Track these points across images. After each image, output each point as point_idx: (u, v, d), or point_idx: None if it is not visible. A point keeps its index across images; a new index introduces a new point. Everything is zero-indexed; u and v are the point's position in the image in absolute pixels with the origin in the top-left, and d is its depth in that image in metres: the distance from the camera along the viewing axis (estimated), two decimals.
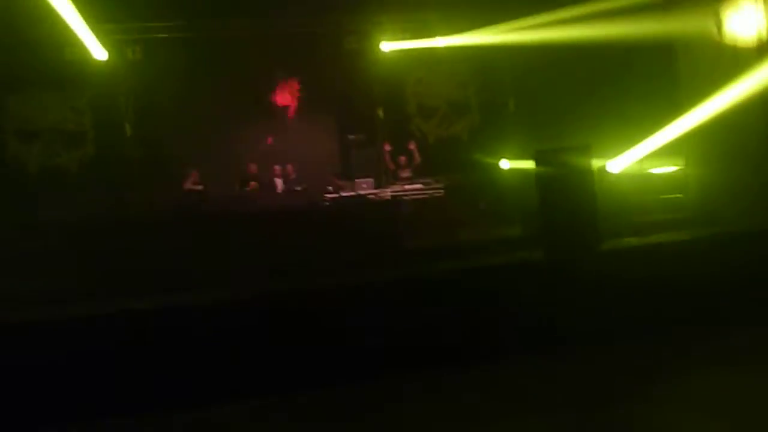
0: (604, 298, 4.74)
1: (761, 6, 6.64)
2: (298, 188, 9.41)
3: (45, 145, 10.61)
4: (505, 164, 10.36)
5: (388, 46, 10.62)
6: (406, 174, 9.92)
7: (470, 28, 10.34)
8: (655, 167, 8.77)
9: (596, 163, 5.51)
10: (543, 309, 4.66)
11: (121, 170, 10.24)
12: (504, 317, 4.59)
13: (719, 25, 7.06)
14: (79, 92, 10.52)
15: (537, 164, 5.41)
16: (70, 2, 8.20)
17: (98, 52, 9.81)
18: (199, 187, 9.27)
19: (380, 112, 11.05)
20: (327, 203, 8.88)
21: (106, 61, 10.00)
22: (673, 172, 8.60)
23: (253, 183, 9.55)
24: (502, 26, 9.92)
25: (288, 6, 9.86)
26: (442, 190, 9.38)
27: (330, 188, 9.30)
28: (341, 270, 5.18)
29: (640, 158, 8.50)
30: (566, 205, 5.14)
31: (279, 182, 9.75)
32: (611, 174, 8.56)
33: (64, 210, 9.32)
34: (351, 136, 10.81)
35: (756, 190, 6.72)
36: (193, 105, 10.40)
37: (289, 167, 9.85)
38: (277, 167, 9.80)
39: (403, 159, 10.05)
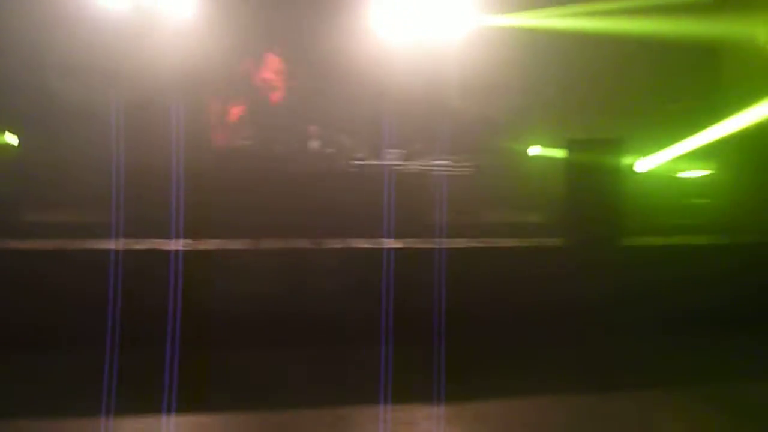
0: (614, 290, 4.86)
1: None
2: (327, 151, 9.55)
3: None
4: (535, 150, 10.38)
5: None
6: None
7: (517, 10, 10.27)
8: (686, 170, 8.73)
9: (626, 159, 5.54)
10: (552, 294, 4.80)
11: None
12: (512, 296, 4.74)
13: (766, 34, 6.96)
14: None
15: (567, 153, 5.46)
16: None
17: None
18: None
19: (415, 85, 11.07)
20: (354, 169, 9.01)
21: None
22: (702, 176, 8.56)
23: None
24: (549, 11, 9.84)
25: None
26: (469, 169, 9.43)
27: (360, 155, 9.43)
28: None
29: (671, 159, 8.47)
30: (591, 197, 5.21)
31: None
32: (640, 172, 8.55)
33: None
34: (385, 106, 10.86)
35: None
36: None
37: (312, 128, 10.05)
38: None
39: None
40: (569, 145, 5.48)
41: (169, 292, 4.29)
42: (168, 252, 4.50)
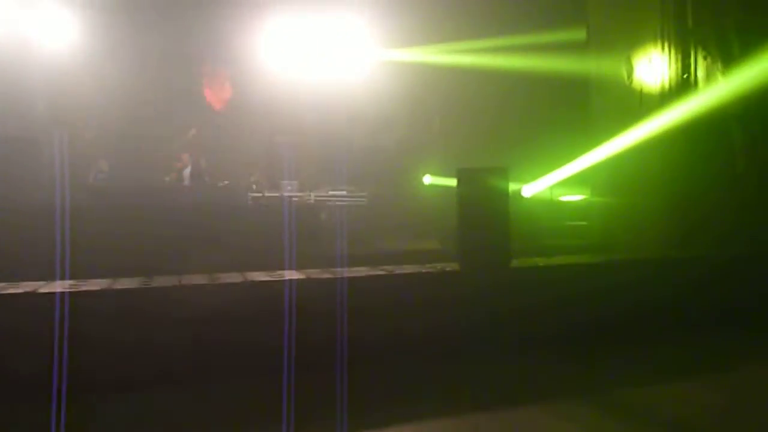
0: (509, 309, 5.11)
1: (666, 57, 7.35)
2: (221, 184, 9.34)
3: None
4: (427, 179, 10.74)
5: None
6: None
7: (404, 45, 10.70)
8: (565, 195, 9.41)
9: (512, 185, 5.88)
10: (454, 317, 4.96)
11: None
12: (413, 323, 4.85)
13: (629, 71, 7.73)
14: None
15: (458, 182, 5.69)
16: None
17: None
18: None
19: (309, 118, 11.17)
20: (250, 202, 8.87)
21: None
22: (579, 200, 9.26)
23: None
24: (435, 47, 10.34)
25: None
26: (364, 199, 9.57)
27: (254, 187, 9.30)
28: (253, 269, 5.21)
29: (551, 185, 9.10)
30: (482, 223, 5.46)
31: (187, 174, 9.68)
32: (525, 198, 9.09)
33: None
34: (280, 138, 10.85)
35: (648, 224, 7.39)
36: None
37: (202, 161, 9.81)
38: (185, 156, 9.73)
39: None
40: (459, 174, 5.72)
41: (53, 339, 3.97)
42: (52, 295, 4.17)
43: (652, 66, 7.52)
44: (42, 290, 4.28)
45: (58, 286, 4.37)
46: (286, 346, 4.33)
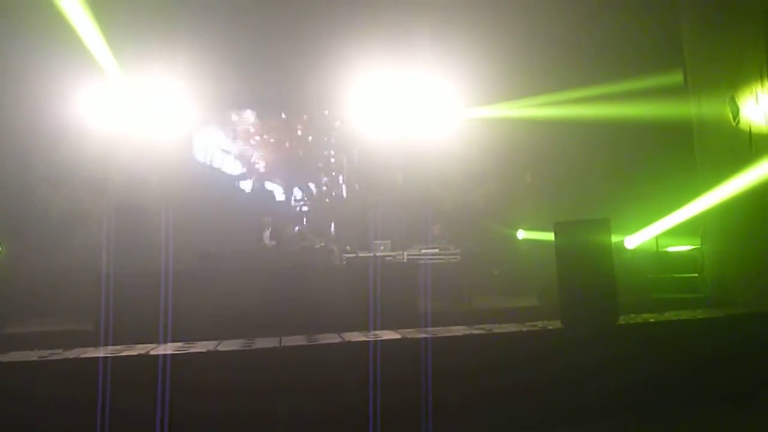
0: (618, 371, 4.75)
1: None
2: (317, 246, 9.56)
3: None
4: (521, 234, 10.48)
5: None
6: None
7: (490, 101, 10.72)
8: (672, 246, 8.83)
9: (614, 238, 5.58)
10: (556, 378, 4.67)
11: None
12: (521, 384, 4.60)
13: (735, 111, 7.27)
14: None
15: (556, 236, 5.49)
16: None
17: None
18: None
19: (399, 178, 11.32)
20: (344, 262, 8.99)
21: None
22: (689, 251, 8.64)
23: None
24: (523, 101, 10.28)
25: None
26: (458, 256, 9.45)
27: (348, 248, 9.44)
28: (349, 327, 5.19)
29: (656, 236, 8.58)
30: (584, 278, 5.19)
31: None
32: (628, 250, 8.62)
33: None
34: (371, 198, 11.04)
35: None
36: None
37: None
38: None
39: None
40: (557, 227, 5.52)
41: (157, 400, 4.12)
42: (156, 357, 4.35)
43: (761, 105, 7.04)
44: (152, 352, 4.48)
45: (168, 349, 4.57)
46: (374, 407, 4.23)
